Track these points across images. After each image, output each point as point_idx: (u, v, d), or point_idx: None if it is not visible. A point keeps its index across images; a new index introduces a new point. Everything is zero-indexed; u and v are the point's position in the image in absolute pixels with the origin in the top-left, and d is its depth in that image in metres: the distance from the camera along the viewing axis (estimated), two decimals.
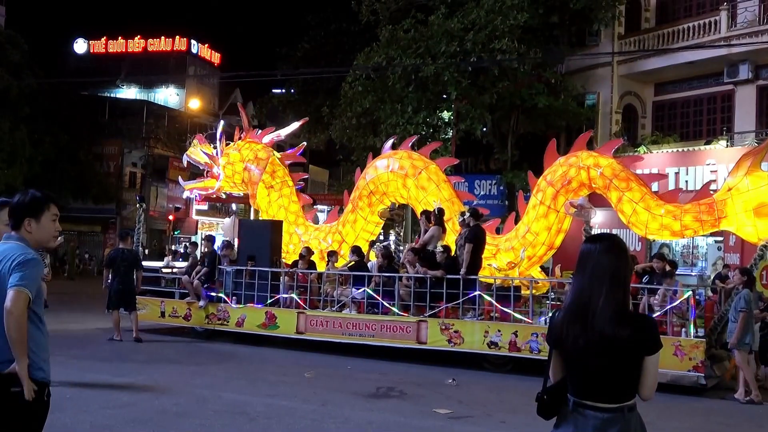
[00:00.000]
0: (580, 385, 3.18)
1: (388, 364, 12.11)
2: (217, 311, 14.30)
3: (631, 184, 12.45)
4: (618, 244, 3.27)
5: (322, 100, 29.89)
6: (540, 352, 11.27)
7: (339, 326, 13.01)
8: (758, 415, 9.52)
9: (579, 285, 3.22)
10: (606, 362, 3.08)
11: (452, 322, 12.03)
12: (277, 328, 13.61)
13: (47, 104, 34.22)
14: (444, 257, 12.59)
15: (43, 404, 3.78)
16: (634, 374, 3.10)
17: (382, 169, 15.20)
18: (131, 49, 52.89)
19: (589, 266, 3.20)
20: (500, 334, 11.66)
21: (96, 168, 39.86)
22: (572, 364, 3.20)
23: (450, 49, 21.66)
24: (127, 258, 13.96)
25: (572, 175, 13.01)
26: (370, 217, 15.58)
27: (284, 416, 8.16)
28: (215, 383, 9.98)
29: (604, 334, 3.07)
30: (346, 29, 30.83)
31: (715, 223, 11.68)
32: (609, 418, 3.09)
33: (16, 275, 3.70)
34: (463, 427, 8.20)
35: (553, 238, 13.46)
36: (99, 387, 9.30)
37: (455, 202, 14.47)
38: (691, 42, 22.13)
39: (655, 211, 12.12)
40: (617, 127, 24.28)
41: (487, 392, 10.32)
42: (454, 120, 25.08)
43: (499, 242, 13.90)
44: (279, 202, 16.26)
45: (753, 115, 21.86)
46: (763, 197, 11.09)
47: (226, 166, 16.49)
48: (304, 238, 15.94)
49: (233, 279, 14.34)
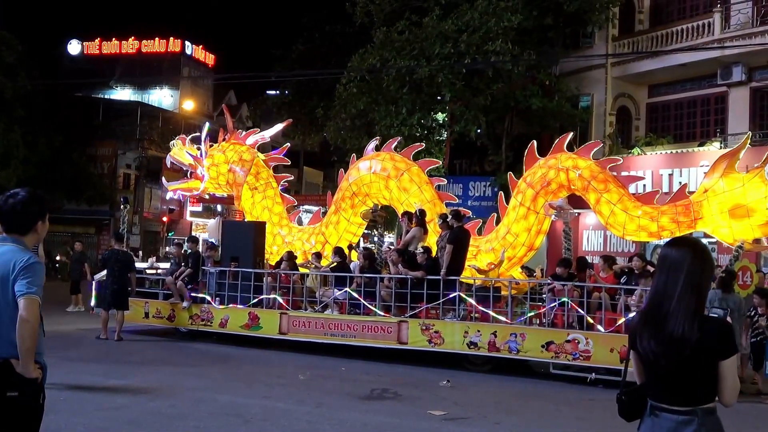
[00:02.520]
0: (654, 387, 3.20)
1: (383, 365, 12.12)
2: (201, 312, 14.35)
3: (609, 185, 12.61)
4: (698, 248, 3.26)
5: (317, 101, 29.88)
6: (519, 352, 11.44)
7: (321, 327, 13.09)
8: (753, 416, 9.54)
9: (656, 287, 3.23)
10: (677, 365, 3.08)
11: (432, 323, 12.14)
12: (260, 328, 13.69)
13: (41, 106, 34.11)
14: (424, 258, 12.70)
15: (38, 407, 3.77)
16: (707, 378, 3.08)
17: (364, 171, 15.36)
18: (125, 50, 52.77)
19: (665, 269, 3.21)
20: (480, 334, 11.77)
21: (90, 169, 39.71)
22: (647, 365, 3.21)
23: (444, 50, 21.69)
24: (121, 259, 14.17)
25: (551, 176, 13.17)
26: (353, 219, 15.74)
27: (279, 418, 8.16)
28: (210, 385, 9.97)
29: (675, 336, 3.07)
30: (341, 31, 30.84)
31: (691, 224, 11.85)
32: (682, 420, 3.08)
33: (24, 281, 3.69)
34: (458, 429, 8.21)
35: (533, 239, 13.62)
36: (93, 389, 9.28)
37: (437, 203, 14.62)
38: (685, 44, 22.19)
39: (632, 213, 12.28)
40: (611, 129, 24.33)
41: (482, 394, 10.34)
42: (448, 122, 25.13)
43: (480, 243, 14.05)
44: (263, 203, 16.41)
45: (746, 116, 21.92)
46: (739, 199, 11.28)
47: (210, 168, 16.61)
48: (287, 239, 16.09)
49: (217, 280, 14.41)
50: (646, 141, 23.70)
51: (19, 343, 3.62)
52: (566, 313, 11.36)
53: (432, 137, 25.10)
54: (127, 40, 52.69)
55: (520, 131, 24.42)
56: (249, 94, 44.36)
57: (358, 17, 26.10)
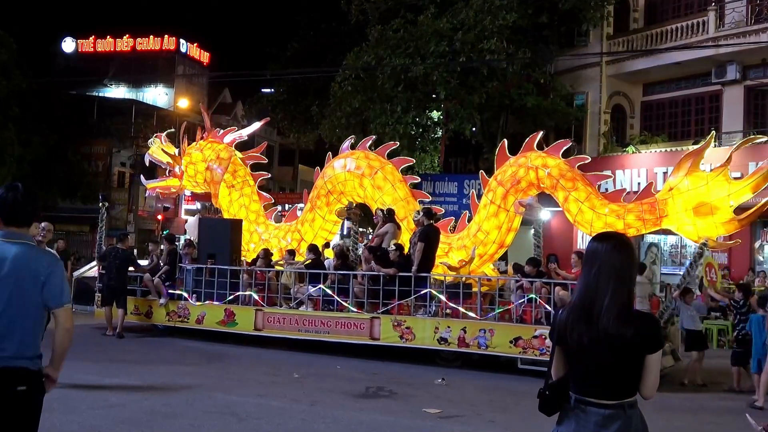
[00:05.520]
0: (582, 381, 3.21)
1: (378, 363, 12.14)
2: (178, 309, 14.49)
3: (577, 183, 12.73)
4: (625, 243, 3.30)
5: (312, 99, 29.85)
6: (487, 347, 11.66)
7: (295, 323, 13.26)
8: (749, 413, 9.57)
9: (585, 282, 3.25)
10: (609, 360, 3.12)
11: (404, 319, 12.35)
12: (236, 325, 13.84)
13: (36, 104, 34.03)
14: (397, 255, 12.86)
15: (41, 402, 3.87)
16: (635, 372, 3.14)
17: (339, 169, 15.50)
18: (120, 48, 52.54)
19: (595, 264, 3.22)
20: (450, 330, 11.97)
21: (84, 168, 39.63)
22: (575, 361, 3.23)
23: (439, 49, 21.69)
24: (119, 256, 14.47)
25: (521, 175, 13.30)
26: (328, 216, 15.92)
27: (274, 416, 8.16)
28: (205, 383, 9.96)
29: (609, 333, 3.10)
30: (336, 29, 30.82)
31: (656, 221, 11.98)
32: (610, 414, 3.12)
33: (57, 290, 3.80)
34: (452, 427, 8.22)
35: (503, 236, 13.74)
36: (88, 387, 9.24)
37: (410, 201, 14.77)
38: (680, 42, 22.24)
39: (599, 210, 12.42)
40: (606, 127, 24.37)
41: (476, 392, 10.36)
42: (443, 120, 25.13)
43: (452, 241, 14.19)
44: (240, 201, 16.56)
45: (740, 115, 21.98)
46: (703, 197, 11.41)
47: (188, 166, 16.80)
48: (264, 236, 16.24)
49: (194, 277, 14.51)
50: (640, 139, 23.74)
51: (58, 350, 3.84)
52: (534, 309, 11.63)
53: (427, 135, 25.08)
54: (121, 38, 52.47)
55: (515, 129, 24.40)
56: (244, 92, 44.31)
57: (353, 15, 26.09)
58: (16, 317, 3.72)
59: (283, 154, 53.78)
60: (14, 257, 3.73)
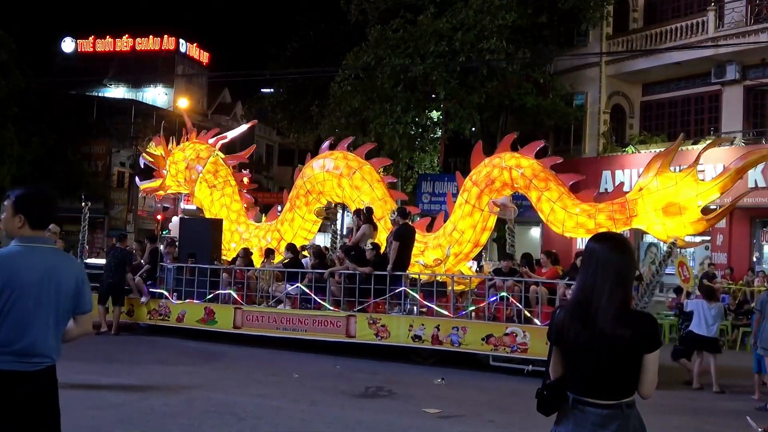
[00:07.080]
0: (580, 381, 3.20)
1: (377, 363, 12.15)
2: (159, 307, 14.65)
3: (550, 184, 12.83)
4: (623, 243, 3.30)
5: (311, 99, 29.87)
6: (460, 345, 11.86)
7: (274, 321, 13.46)
8: (745, 413, 9.56)
9: (583, 282, 3.24)
10: (607, 360, 3.11)
11: (379, 317, 12.51)
12: (216, 323, 14.00)
13: (35, 104, 34.03)
14: (373, 254, 13.02)
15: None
16: (633, 372, 3.13)
17: (317, 169, 15.67)
18: (119, 48, 52.49)
19: (593, 264, 3.21)
20: (423, 328, 12.14)
21: (84, 167, 39.60)
22: (573, 360, 3.22)
23: (439, 48, 21.70)
24: (117, 256, 14.72)
25: (495, 175, 13.42)
26: (307, 216, 16.05)
27: (273, 416, 8.15)
28: (204, 383, 9.96)
29: (606, 333, 3.09)
30: (336, 29, 30.83)
31: (627, 221, 12.09)
32: (608, 414, 3.12)
33: (88, 297, 3.92)
34: (452, 427, 8.22)
35: (478, 235, 13.86)
36: (86, 387, 9.22)
37: (388, 201, 14.94)
38: (679, 42, 22.25)
39: (571, 210, 12.52)
40: (605, 127, 24.38)
41: (475, 392, 10.36)
42: (442, 120, 25.15)
43: (429, 240, 14.34)
44: (221, 201, 16.72)
45: (740, 115, 21.99)
46: (672, 197, 11.54)
47: (170, 166, 17.03)
48: (245, 236, 16.41)
49: (174, 276, 14.65)
50: (640, 139, 23.75)
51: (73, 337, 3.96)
52: (505, 307, 11.79)
53: (426, 135, 25.11)
54: (121, 38, 52.43)
55: (514, 129, 24.42)
56: (244, 92, 44.34)
57: (352, 15, 26.10)
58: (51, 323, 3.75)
59: (282, 154, 53.72)
60: (48, 264, 3.74)
